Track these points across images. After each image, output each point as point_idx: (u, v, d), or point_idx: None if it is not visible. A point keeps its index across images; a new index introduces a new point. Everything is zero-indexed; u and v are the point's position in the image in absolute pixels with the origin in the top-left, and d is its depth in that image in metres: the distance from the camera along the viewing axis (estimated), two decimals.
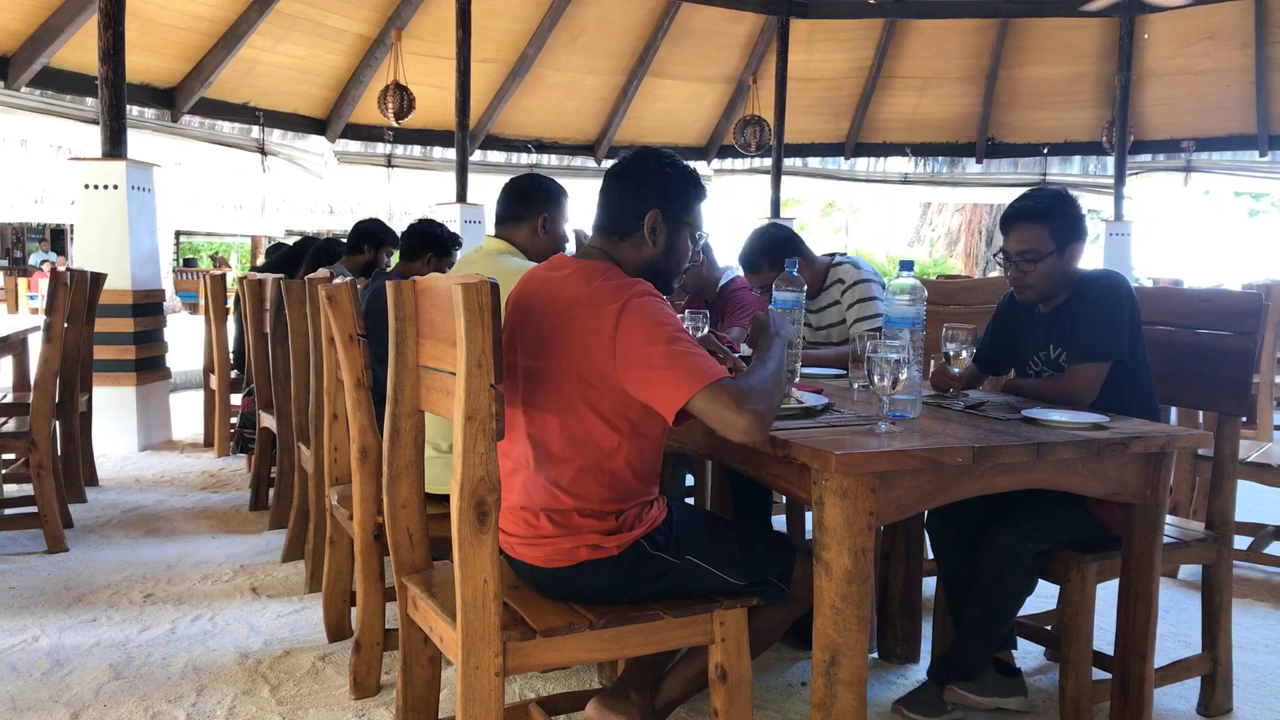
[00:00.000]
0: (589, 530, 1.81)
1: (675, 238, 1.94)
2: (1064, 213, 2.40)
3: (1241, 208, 22.79)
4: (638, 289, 1.77)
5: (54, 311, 3.61)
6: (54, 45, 7.13)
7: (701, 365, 1.69)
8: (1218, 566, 2.43)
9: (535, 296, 1.88)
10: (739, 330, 3.66)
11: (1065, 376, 2.38)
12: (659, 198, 1.91)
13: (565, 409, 1.80)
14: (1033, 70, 10.53)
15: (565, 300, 1.82)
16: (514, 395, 1.88)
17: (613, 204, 1.93)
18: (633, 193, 1.91)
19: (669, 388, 1.69)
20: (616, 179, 1.95)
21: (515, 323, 1.91)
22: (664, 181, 1.92)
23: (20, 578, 3.35)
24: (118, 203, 5.46)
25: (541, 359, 1.83)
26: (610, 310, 1.74)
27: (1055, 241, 2.37)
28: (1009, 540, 2.22)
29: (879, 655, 2.75)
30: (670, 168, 1.93)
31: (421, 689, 2.03)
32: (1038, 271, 2.40)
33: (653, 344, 1.71)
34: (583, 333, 1.77)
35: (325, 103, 9.53)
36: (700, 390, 1.67)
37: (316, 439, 3.10)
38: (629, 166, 1.94)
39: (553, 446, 1.81)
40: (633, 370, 1.73)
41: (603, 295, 1.77)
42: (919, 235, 23.24)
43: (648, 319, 1.73)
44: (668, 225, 1.92)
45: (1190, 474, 3.67)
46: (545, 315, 1.84)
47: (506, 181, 2.75)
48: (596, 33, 9.80)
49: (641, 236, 1.90)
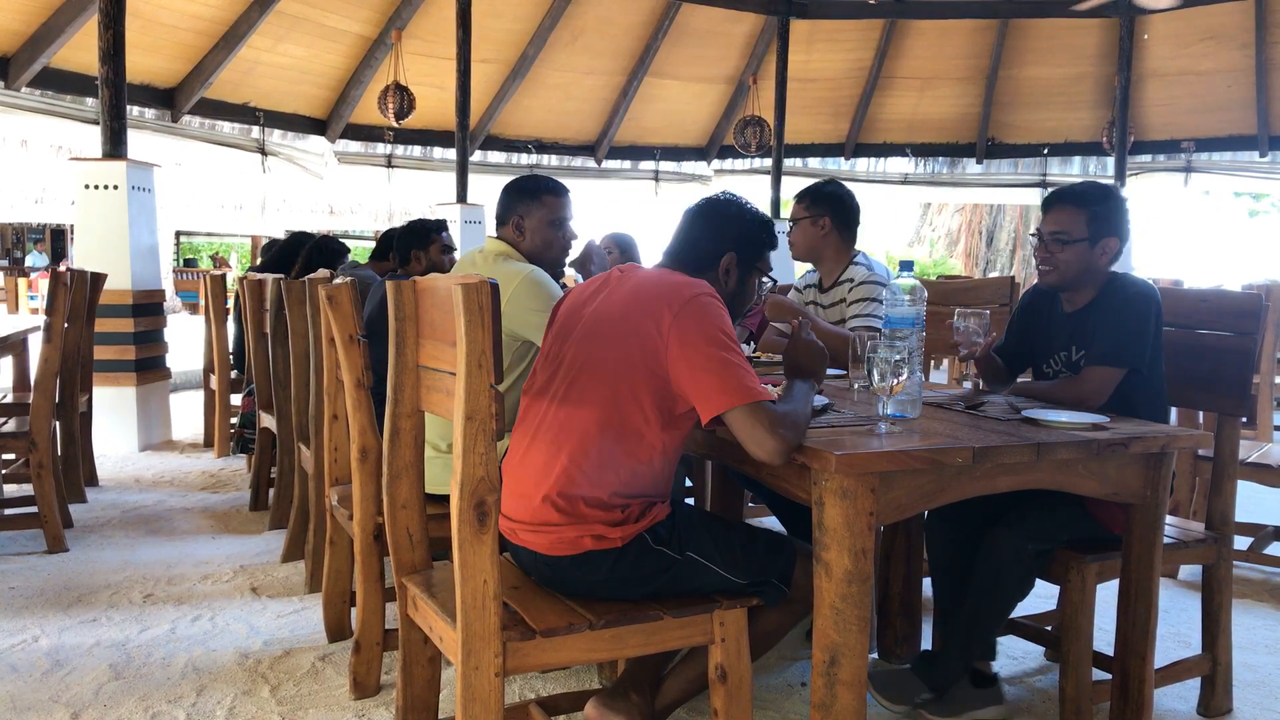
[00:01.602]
0: (595, 520, 1.82)
1: (745, 280, 2.06)
2: (1106, 204, 2.37)
3: (1241, 208, 22.80)
4: (705, 289, 1.87)
5: (54, 311, 3.61)
6: (54, 45, 7.14)
7: (750, 383, 1.78)
8: (1218, 567, 2.43)
9: (595, 292, 1.98)
10: (739, 330, 3.66)
11: (1077, 378, 2.36)
12: (736, 241, 2.02)
13: (608, 397, 1.83)
14: (1033, 71, 10.53)
15: (626, 292, 1.91)
16: (550, 383, 1.92)
17: (691, 241, 2.04)
18: (714, 234, 2.03)
19: (715, 393, 1.77)
20: (698, 216, 2.06)
21: (569, 313, 1.99)
22: (743, 227, 2.04)
23: (20, 578, 3.35)
24: (118, 203, 5.46)
25: (596, 347, 1.88)
26: (674, 301, 1.83)
27: (1090, 229, 2.34)
28: (1010, 540, 2.22)
29: (879, 655, 2.75)
30: (750, 215, 2.06)
31: (421, 689, 2.04)
32: (1065, 255, 2.36)
33: (710, 346, 1.79)
34: (643, 316, 1.84)
35: (325, 103, 9.53)
36: (743, 405, 1.75)
37: (316, 439, 3.10)
38: (712, 208, 2.07)
39: (584, 427, 1.83)
40: (683, 363, 1.80)
41: (667, 286, 1.87)
42: (919, 235, 23.25)
43: (710, 321, 1.82)
44: (740, 269, 2.04)
45: (1190, 474, 3.67)
46: (604, 307, 1.92)
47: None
48: (597, 33, 9.81)
49: (715, 275, 2.01)
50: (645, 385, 1.83)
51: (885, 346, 1.95)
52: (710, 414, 1.78)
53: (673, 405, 1.85)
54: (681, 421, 1.88)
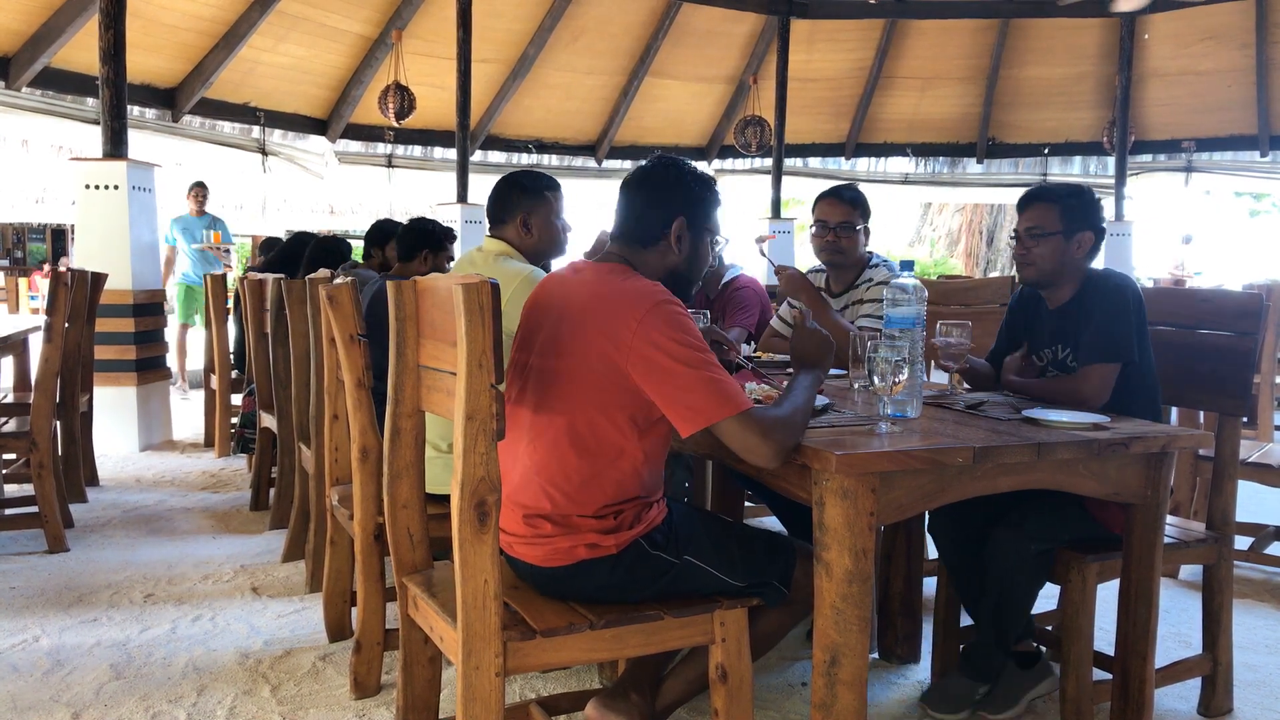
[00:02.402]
0: (588, 529, 1.81)
1: (698, 244, 1.98)
2: (1078, 199, 2.43)
3: (1242, 208, 22.78)
4: (661, 296, 1.79)
5: (54, 311, 3.61)
6: (55, 45, 7.14)
7: (731, 392, 1.74)
8: (1218, 567, 2.43)
9: (553, 296, 1.91)
10: (739, 330, 3.66)
11: (1076, 378, 2.36)
12: (684, 205, 1.94)
13: (575, 410, 1.80)
14: (1033, 70, 10.53)
15: (582, 300, 1.84)
16: (523, 395, 1.89)
17: (637, 213, 1.96)
18: (658, 201, 1.94)
19: (696, 408, 1.73)
20: (639, 187, 1.97)
21: (531, 322, 1.93)
22: (688, 189, 1.95)
23: (21, 578, 3.35)
24: (118, 203, 5.46)
25: (555, 358, 1.84)
26: (633, 312, 1.76)
27: (1063, 223, 2.39)
28: (1012, 541, 2.23)
29: (879, 655, 2.75)
30: (692, 176, 1.97)
31: (422, 689, 2.03)
32: (1040, 249, 2.41)
33: (680, 360, 1.74)
34: (600, 331, 1.78)
35: (326, 103, 9.53)
36: (730, 416, 1.72)
37: (317, 439, 3.10)
38: (652, 175, 1.97)
39: (559, 447, 1.81)
40: (654, 377, 1.75)
41: (623, 296, 1.79)
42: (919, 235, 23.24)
43: (673, 331, 1.75)
44: (692, 233, 1.95)
45: (1191, 474, 3.67)
46: (562, 315, 1.85)
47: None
48: (597, 33, 9.80)
49: (668, 244, 1.94)
50: (615, 401, 1.79)
51: (885, 346, 1.95)
52: (693, 429, 1.74)
53: (648, 412, 1.80)
54: (659, 426, 1.84)
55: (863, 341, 2.05)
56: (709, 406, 1.73)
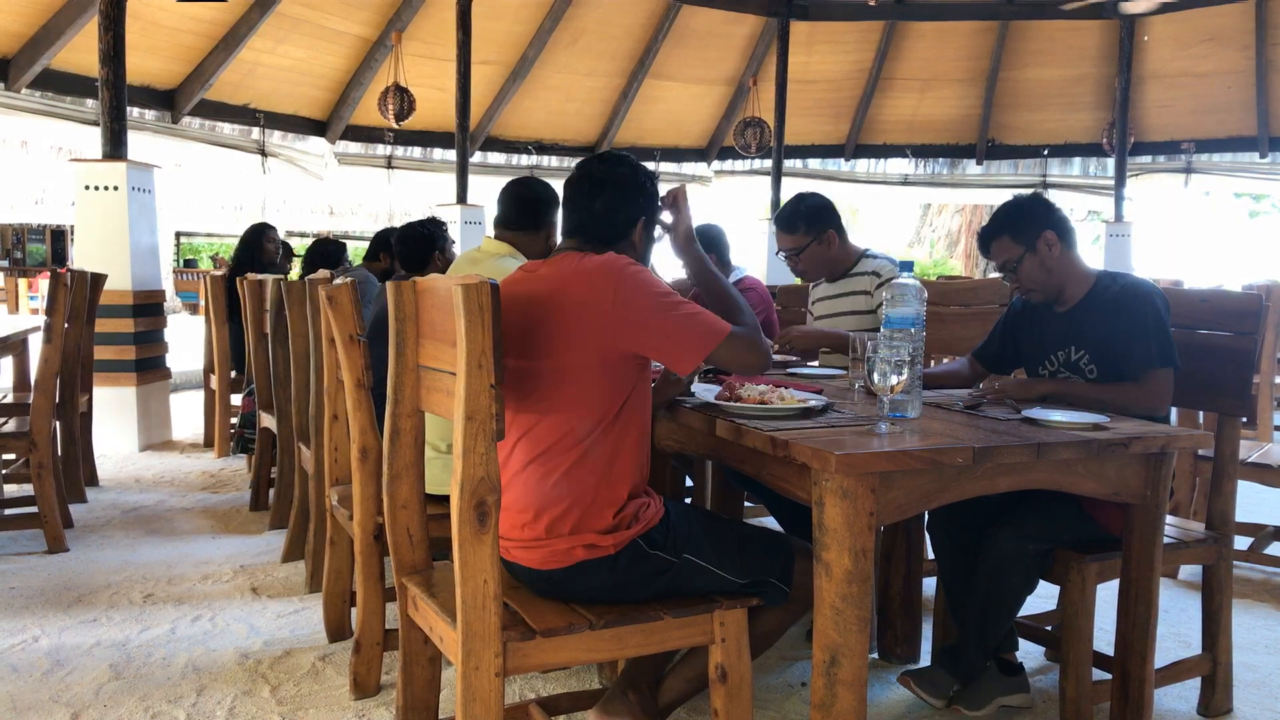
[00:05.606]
0: (585, 529, 1.81)
1: (649, 238, 2.09)
2: (1017, 213, 2.48)
3: (1242, 209, 22.80)
4: (621, 262, 1.86)
5: (54, 312, 3.61)
6: (54, 47, 7.15)
7: (712, 322, 1.88)
8: (1218, 567, 2.43)
9: (518, 297, 1.89)
10: None
11: (1140, 385, 2.32)
12: (644, 206, 2.04)
13: (552, 408, 1.81)
14: (1033, 72, 10.54)
15: (547, 290, 1.86)
16: (506, 398, 1.88)
17: (601, 214, 1.98)
18: (622, 203, 2.00)
19: (688, 345, 1.85)
20: (601, 188, 1.98)
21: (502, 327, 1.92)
22: (643, 189, 2.03)
23: (20, 578, 3.35)
24: (118, 204, 5.47)
25: (529, 358, 1.84)
26: (606, 283, 1.81)
27: (1021, 242, 2.45)
28: (1011, 540, 2.22)
29: (879, 655, 2.75)
30: (646, 175, 2.06)
31: (421, 689, 2.03)
32: (1023, 274, 2.47)
33: (659, 310, 1.83)
34: (576, 312, 1.81)
35: (325, 104, 9.53)
36: (721, 342, 1.86)
37: (317, 439, 3.10)
38: (615, 176, 2.00)
39: (543, 446, 1.82)
40: (642, 335, 1.83)
41: (589, 276, 1.84)
42: (919, 236, 23.27)
43: (645, 288, 1.83)
44: (646, 230, 2.06)
45: (1190, 474, 3.67)
46: (527, 313, 1.86)
47: (511, 183, 2.72)
48: (596, 35, 9.81)
49: (629, 243, 2.01)
50: (594, 394, 1.81)
51: (885, 346, 1.95)
52: (692, 365, 1.88)
53: (618, 402, 1.83)
54: (635, 416, 1.87)
55: (863, 341, 2.05)
56: (700, 340, 1.85)
